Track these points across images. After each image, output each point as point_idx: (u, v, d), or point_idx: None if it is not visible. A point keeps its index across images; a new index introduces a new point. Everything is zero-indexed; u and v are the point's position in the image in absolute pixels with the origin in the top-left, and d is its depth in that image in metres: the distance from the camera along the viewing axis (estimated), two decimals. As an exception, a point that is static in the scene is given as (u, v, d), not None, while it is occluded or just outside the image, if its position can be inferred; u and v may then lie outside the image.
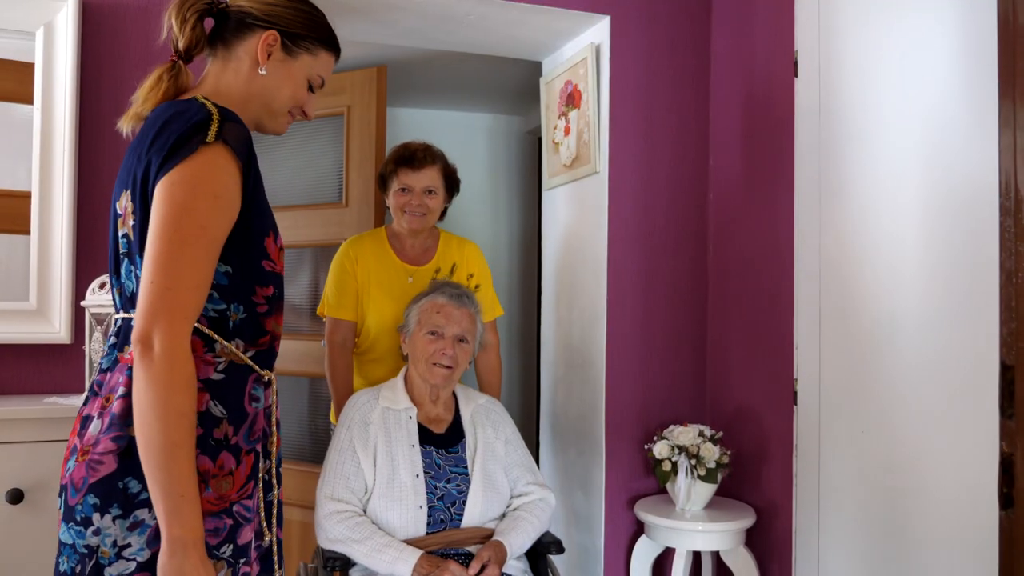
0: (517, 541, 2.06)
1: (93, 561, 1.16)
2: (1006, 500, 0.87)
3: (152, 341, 1.10)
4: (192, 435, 1.13)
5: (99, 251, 2.04)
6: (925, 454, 1.71)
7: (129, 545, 1.15)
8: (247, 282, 1.25)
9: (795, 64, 2.18)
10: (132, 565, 1.14)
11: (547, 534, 2.14)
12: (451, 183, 2.48)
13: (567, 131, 2.67)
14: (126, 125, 1.29)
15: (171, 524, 1.10)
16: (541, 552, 2.12)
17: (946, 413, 1.64)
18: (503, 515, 2.14)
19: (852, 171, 1.97)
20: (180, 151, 1.15)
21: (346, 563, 2.01)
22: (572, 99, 2.63)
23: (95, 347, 1.92)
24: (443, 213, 2.46)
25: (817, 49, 2.11)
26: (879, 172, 1.89)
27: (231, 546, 1.21)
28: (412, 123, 3.87)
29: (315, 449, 3.11)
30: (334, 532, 2.00)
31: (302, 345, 3.10)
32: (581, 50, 2.55)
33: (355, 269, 2.44)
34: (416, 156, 2.42)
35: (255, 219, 1.24)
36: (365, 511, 2.07)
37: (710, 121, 2.54)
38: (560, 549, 2.13)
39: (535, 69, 2.99)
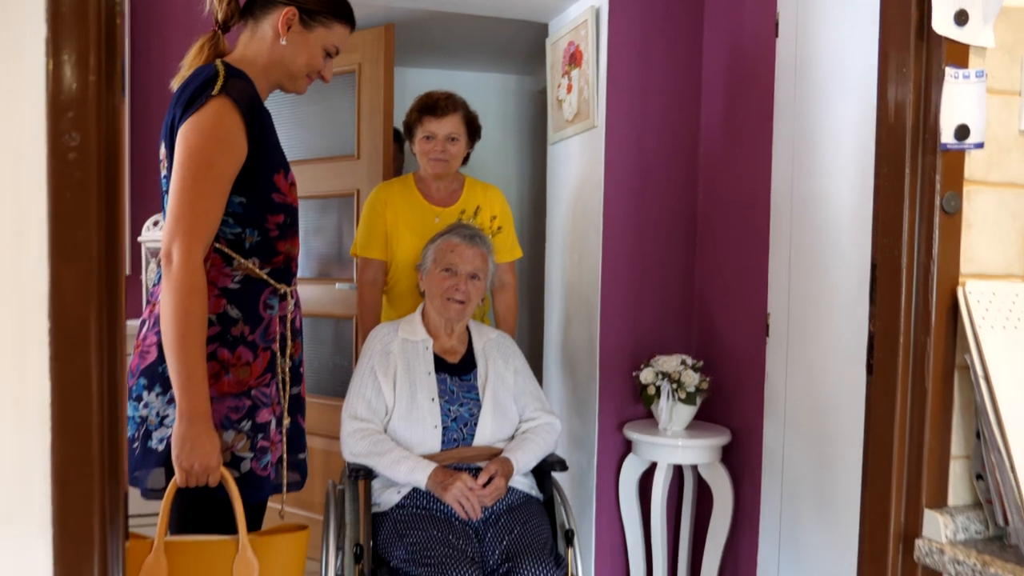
0: (523, 459, 2.28)
1: (144, 428, 1.50)
2: (869, 368, 1.14)
3: (171, 256, 1.42)
4: (201, 331, 1.44)
5: (151, 193, 2.35)
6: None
7: (168, 415, 1.47)
8: (259, 211, 1.56)
9: (776, 25, 2.40)
10: (170, 431, 1.47)
11: (552, 454, 2.36)
12: (473, 129, 2.64)
13: (569, 89, 2.92)
14: (176, 84, 1.59)
15: (181, 400, 1.42)
16: (546, 470, 2.35)
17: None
18: (512, 437, 2.35)
19: (823, 122, 2.20)
20: (193, 104, 1.46)
21: (368, 473, 2.24)
22: (574, 59, 2.88)
23: (150, 276, 2.24)
24: (466, 158, 2.64)
25: (795, 12, 2.33)
26: (847, 122, 2.11)
27: (250, 422, 1.54)
28: (426, 84, 4.13)
29: (336, 384, 3.42)
30: (357, 447, 2.23)
31: (325, 288, 3.39)
32: (582, 12, 2.79)
33: (384, 211, 2.61)
34: (439, 104, 2.58)
35: (264, 158, 1.55)
36: (386, 430, 2.28)
37: (702, 78, 2.78)
38: (564, 467, 2.35)
39: (543, 31, 3.22)
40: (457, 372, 2.36)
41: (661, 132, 2.76)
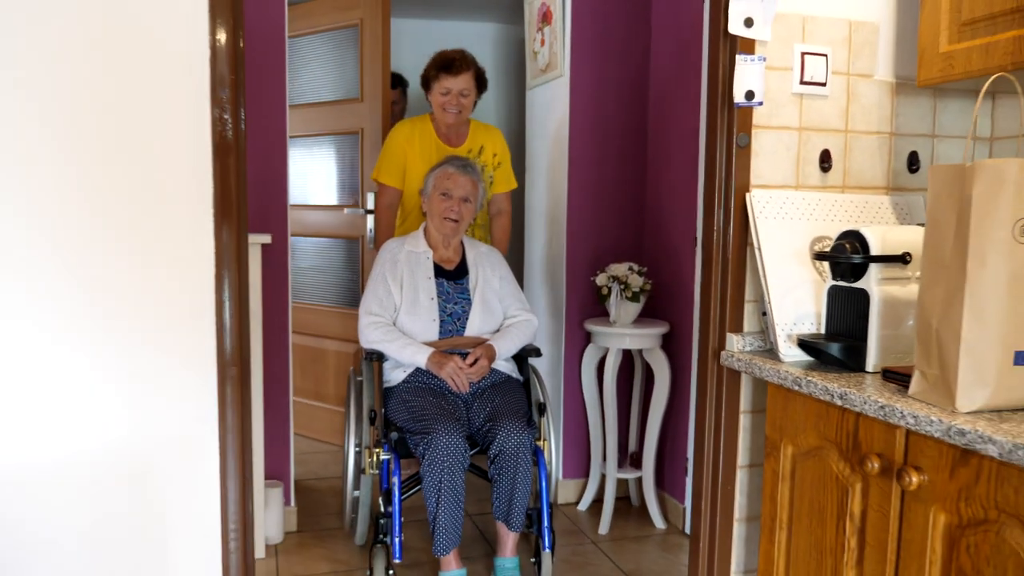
0: (504, 345, 2.75)
1: None
2: (700, 245, 1.78)
3: None
4: None
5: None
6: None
7: None
8: None
9: (706, -7, 2.98)
10: None
11: (530, 344, 2.84)
12: (481, 83, 3.06)
13: (542, 43, 3.52)
14: None
15: None
16: (524, 356, 2.84)
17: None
18: (497, 330, 2.81)
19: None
20: None
21: (380, 356, 2.72)
22: (546, 18, 3.46)
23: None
24: (473, 105, 3.07)
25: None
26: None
27: None
28: (422, 32, 4.69)
29: (346, 295, 4.09)
30: (372, 336, 2.70)
31: (336, 213, 4.03)
32: (552, -22, 3.37)
33: (404, 147, 3.02)
34: (454, 63, 2.97)
35: None
36: (395, 323, 2.74)
37: (651, 35, 3.36)
38: (538, 354, 2.85)
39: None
40: (452, 277, 2.82)
41: (617, 80, 3.36)
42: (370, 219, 3.76)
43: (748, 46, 1.66)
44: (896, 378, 1.40)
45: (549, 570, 2.64)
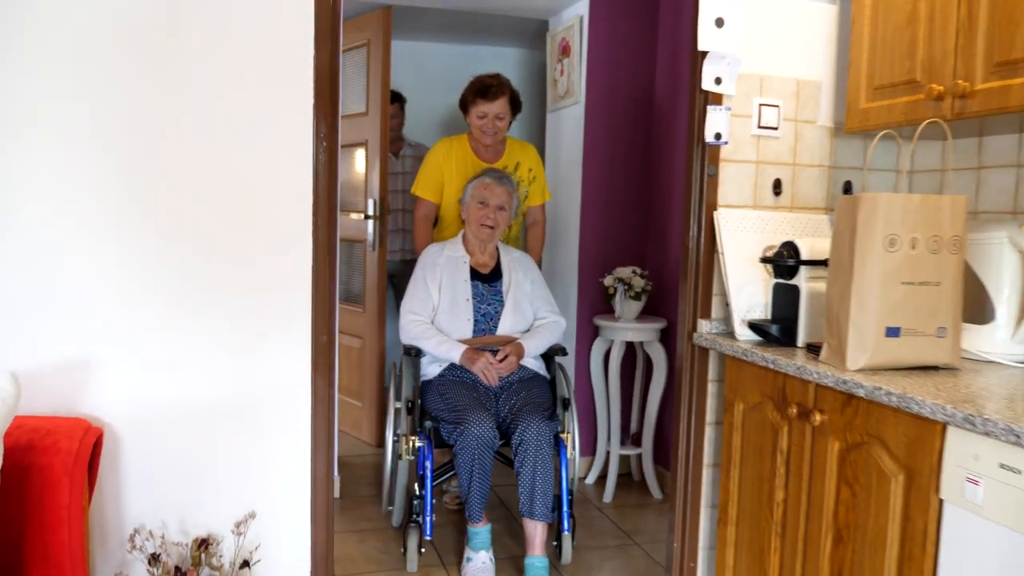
0: (532, 344, 2.98)
1: None
2: (684, 251, 2.31)
3: None
4: None
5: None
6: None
7: None
8: None
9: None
10: None
11: (557, 344, 3.10)
12: (515, 106, 3.28)
13: (562, 72, 4.06)
14: None
15: None
16: (551, 355, 3.12)
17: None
18: (527, 331, 3.05)
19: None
20: None
21: (418, 352, 2.99)
22: (565, 51, 4.01)
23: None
24: (509, 125, 3.31)
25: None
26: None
27: None
28: (458, 55, 5.24)
29: (352, 294, 4.46)
30: (412, 332, 2.96)
31: (344, 218, 4.44)
32: (571, 18, 3.91)
33: (442, 165, 3.26)
34: (490, 90, 3.18)
35: None
36: (433, 322, 2.99)
37: (656, 65, 3.90)
38: (564, 353, 3.11)
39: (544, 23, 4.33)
40: (487, 280, 3.07)
41: (625, 105, 3.89)
42: (370, 224, 4.09)
43: (717, 99, 2.19)
44: (814, 349, 1.93)
45: (569, 552, 2.91)
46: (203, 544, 1.75)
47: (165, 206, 1.76)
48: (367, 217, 4.15)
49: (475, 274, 3.07)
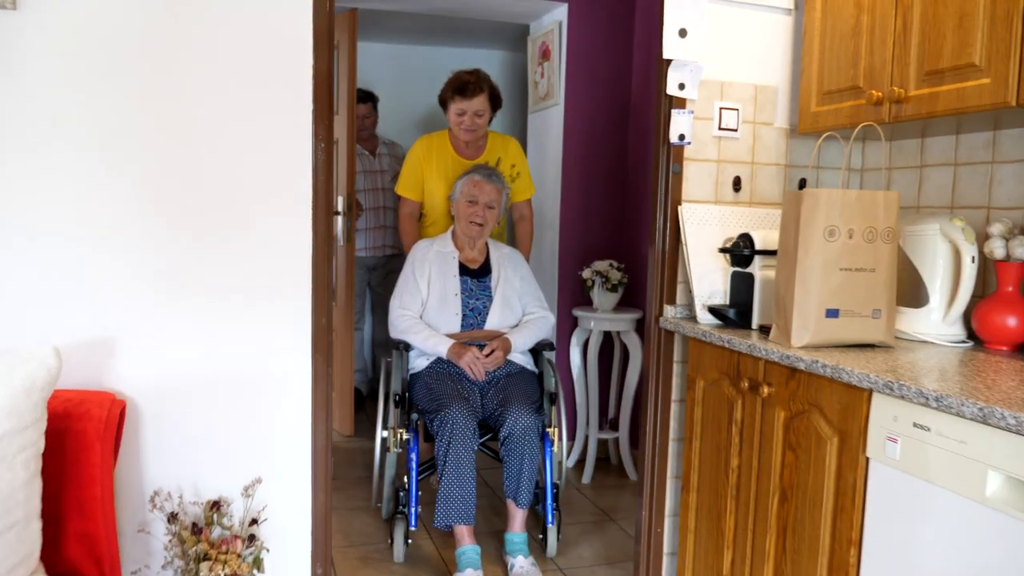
0: (519, 339, 3.03)
1: None
2: (651, 241, 2.53)
3: None
4: None
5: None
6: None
7: None
8: None
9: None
10: None
11: (544, 339, 3.16)
12: (495, 103, 3.28)
13: (542, 75, 4.27)
14: None
15: None
16: (539, 350, 3.20)
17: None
18: (515, 326, 3.10)
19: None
20: None
21: (407, 346, 3.05)
22: (545, 55, 4.22)
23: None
24: (490, 121, 3.33)
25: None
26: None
27: None
28: (443, 58, 5.43)
29: None
30: (400, 326, 3.03)
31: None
32: (551, 24, 4.12)
33: (422, 162, 3.30)
34: (468, 87, 3.19)
35: None
36: (421, 316, 3.05)
37: (632, 70, 4.11)
38: (552, 348, 3.18)
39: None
40: (475, 275, 3.12)
41: (603, 106, 4.10)
42: (339, 220, 4.09)
43: (681, 103, 2.41)
44: (766, 330, 2.15)
45: (555, 545, 3.00)
46: (215, 505, 1.94)
47: (179, 201, 1.95)
48: (336, 213, 4.28)
49: (464, 269, 3.13)
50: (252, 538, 1.92)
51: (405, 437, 2.92)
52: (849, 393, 1.74)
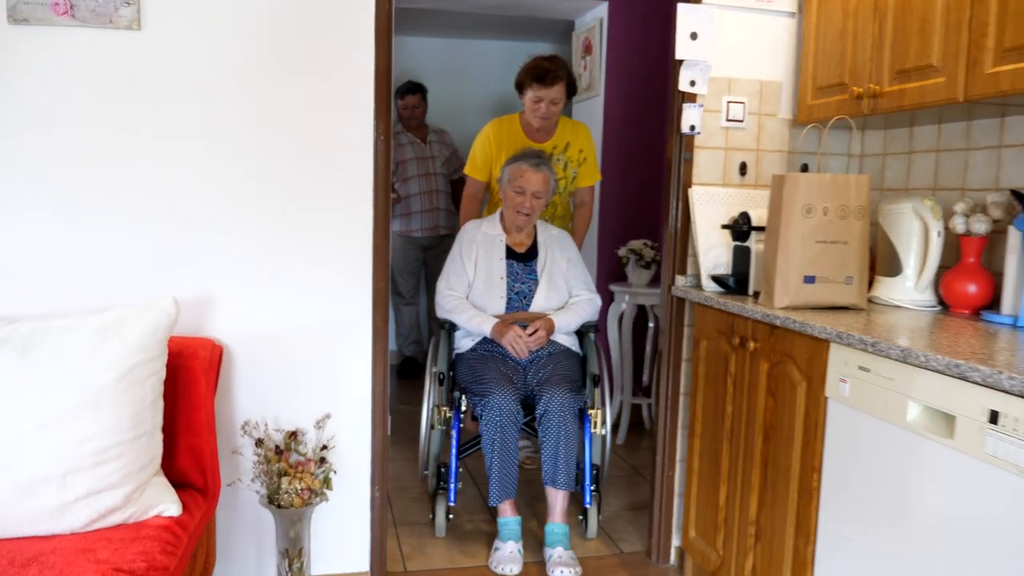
0: (563, 320, 3.06)
1: None
2: (664, 220, 2.90)
3: None
4: None
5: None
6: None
7: None
8: None
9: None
10: None
11: (590, 321, 3.15)
12: (572, 90, 3.27)
13: (585, 68, 4.63)
14: None
15: None
16: (584, 331, 3.20)
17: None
18: (561, 308, 3.12)
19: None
20: None
21: (453, 326, 3.12)
22: (587, 49, 4.58)
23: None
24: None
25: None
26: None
27: None
28: (501, 51, 5.82)
29: None
30: (446, 306, 3.09)
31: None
32: (593, 21, 4.48)
33: (491, 144, 3.35)
34: (548, 75, 3.20)
35: None
36: (467, 297, 3.09)
37: (667, 64, 4.44)
38: (597, 330, 3.17)
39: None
40: (522, 259, 3.16)
41: (641, 96, 4.45)
42: None
43: (692, 97, 2.76)
44: (758, 296, 2.50)
45: (595, 527, 3.01)
46: (292, 435, 2.40)
47: (267, 182, 2.40)
48: None
49: (511, 253, 3.15)
50: (323, 460, 2.36)
51: (448, 415, 2.99)
52: (814, 344, 2.10)
